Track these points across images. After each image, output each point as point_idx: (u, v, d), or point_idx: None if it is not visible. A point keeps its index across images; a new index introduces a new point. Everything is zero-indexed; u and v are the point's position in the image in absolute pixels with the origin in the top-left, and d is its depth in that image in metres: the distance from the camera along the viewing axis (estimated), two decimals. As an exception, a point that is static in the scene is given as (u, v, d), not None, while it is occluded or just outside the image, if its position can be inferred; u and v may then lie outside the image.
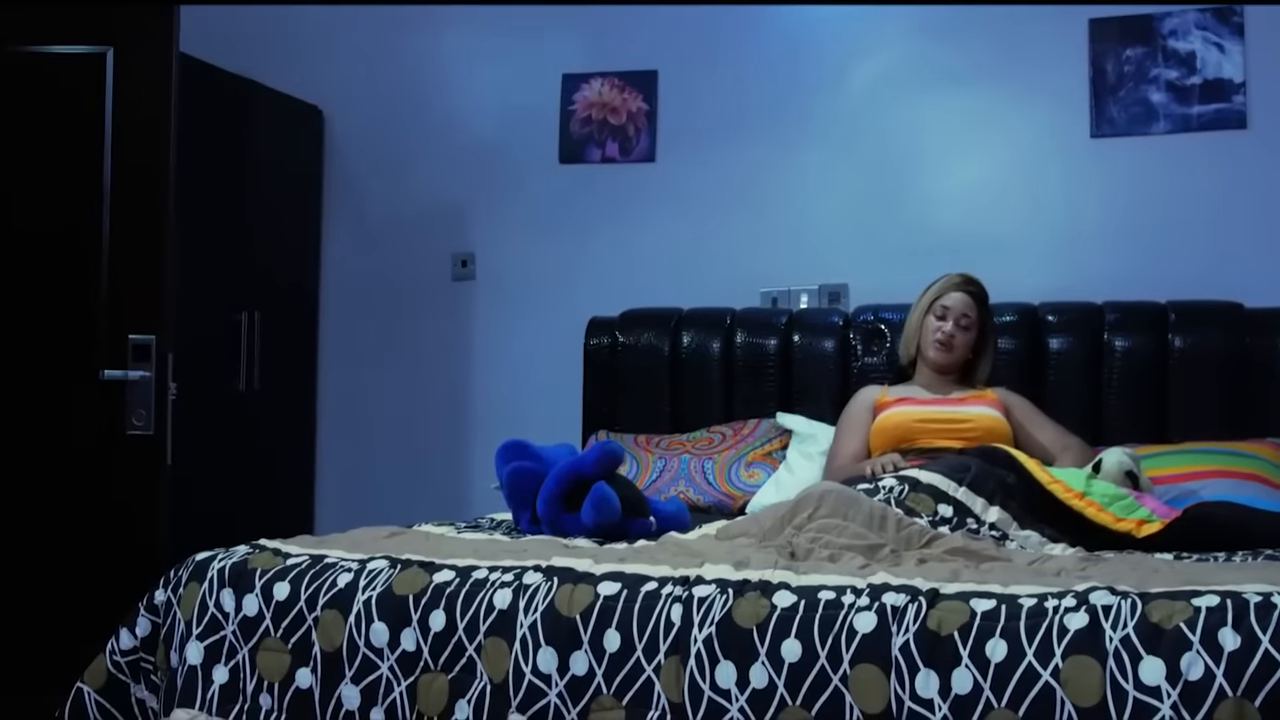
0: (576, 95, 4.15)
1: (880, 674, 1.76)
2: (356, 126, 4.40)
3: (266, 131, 4.24)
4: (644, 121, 4.09)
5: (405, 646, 2.00)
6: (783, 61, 3.99)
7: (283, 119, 4.29)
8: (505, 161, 4.23)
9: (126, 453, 3.31)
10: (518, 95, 4.23)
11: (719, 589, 1.91)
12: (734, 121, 4.03)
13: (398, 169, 4.35)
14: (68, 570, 3.26)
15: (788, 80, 3.99)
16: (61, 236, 3.38)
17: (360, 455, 4.35)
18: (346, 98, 4.39)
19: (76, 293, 3.36)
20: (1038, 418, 3.34)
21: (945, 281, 3.41)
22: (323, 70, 4.38)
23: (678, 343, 3.82)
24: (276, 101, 4.25)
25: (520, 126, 4.21)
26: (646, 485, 3.48)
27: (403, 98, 4.35)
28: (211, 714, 2.06)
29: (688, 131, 4.07)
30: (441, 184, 4.30)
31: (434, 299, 4.29)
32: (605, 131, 4.12)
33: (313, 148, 4.39)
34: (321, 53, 4.40)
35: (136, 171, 3.35)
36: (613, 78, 4.12)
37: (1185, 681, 1.64)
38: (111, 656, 2.21)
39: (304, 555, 2.17)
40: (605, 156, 4.12)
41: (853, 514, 2.31)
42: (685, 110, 4.08)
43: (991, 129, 3.82)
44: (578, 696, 1.89)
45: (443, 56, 4.33)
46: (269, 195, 4.23)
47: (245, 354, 4.02)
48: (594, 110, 4.13)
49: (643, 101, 4.09)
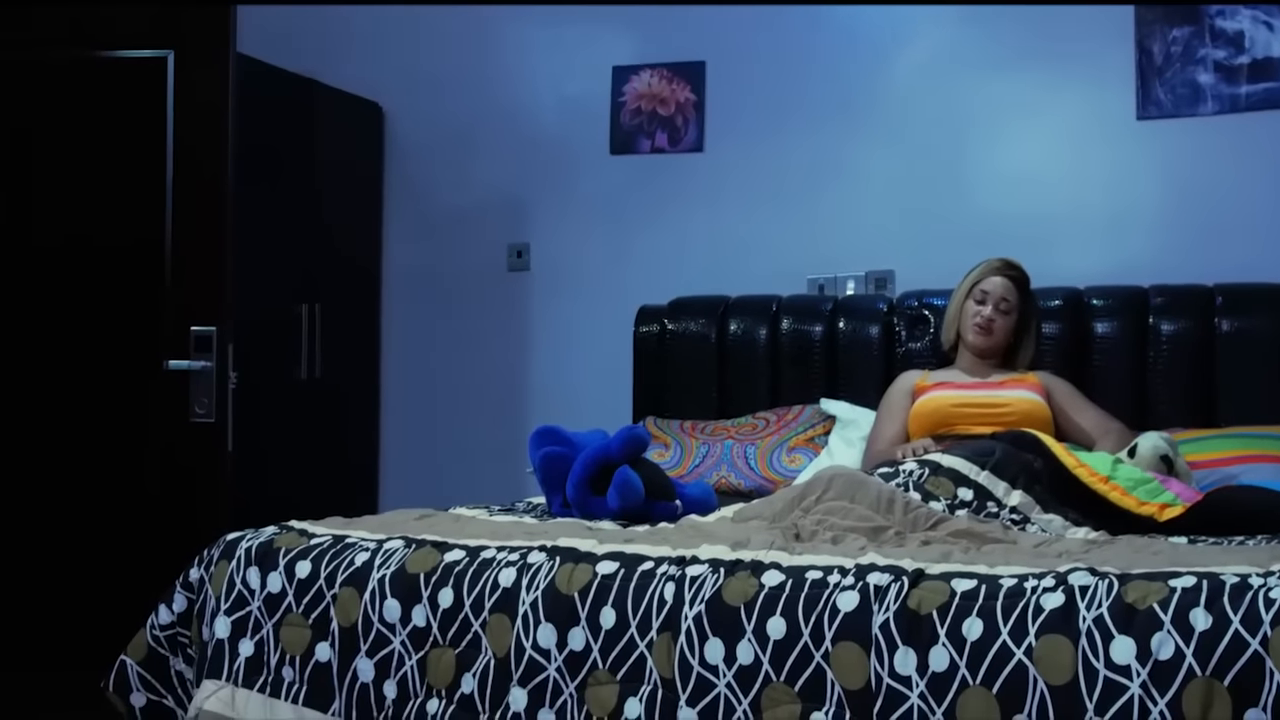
0: (626, 87, 4.21)
1: (861, 651, 1.81)
2: (415, 122, 4.52)
3: (328, 129, 4.37)
4: (692, 112, 4.14)
5: (416, 622, 2.09)
6: (828, 49, 4.02)
7: (344, 116, 4.43)
8: (558, 153, 4.32)
9: (190, 439, 3.45)
10: (570, 88, 4.31)
11: (711, 568, 1.96)
12: (781, 110, 4.07)
13: (455, 162, 4.46)
14: (133, 551, 3.41)
15: (834, 68, 4.01)
16: (128, 233, 3.53)
17: (421, 441, 4.48)
18: (405, 94, 4.51)
19: (142, 287, 3.51)
20: (1079, 401, 3.33)
21: (985, 266, 3.42)
22: (382, 68, 4.50)
23: (725, 330, 3.87)
24: (337, 99, 4.38)
25: (573, 119, 4.30)
26: (689, 470, 3.55)
27: (459, 93, 4.46)
28: (238, 685, 2.18)
29: (735, 121, 4.12)
30: (497, 176, 4.40)
31: (490, 289, 4.39)
32: (654, 122, 4.18)
33: (373, 143, 4.52)
34: (380, 51, 4.52)
35: (197, 170, 3.48)
36: (661, 69, 4.18)
37: (1155, 661, 1.66)
38: (151, 631, 2.34)
39: (327, 535, 2.27)
40: (654, 147, 4.19)
41: (860, 497, 2.35)
42: (732, 100, 4.12)
43: (1037, 113, 3.81)
44: (575, 671, 1.97)
45: (497, 51, 4.42)
46: (331, 190, 4.37)
47: (306, 343, 4.16)
48: (643, 101, 4.19)
49: (690, 92, 4.14)
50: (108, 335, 3.52)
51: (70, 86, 3.55)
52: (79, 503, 3.49)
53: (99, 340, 3.52)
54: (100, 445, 3.50)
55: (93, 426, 3.51)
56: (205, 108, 3.47)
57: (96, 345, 3.52)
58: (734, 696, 1.86)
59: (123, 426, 3.50)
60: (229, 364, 3.47)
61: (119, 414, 3.50)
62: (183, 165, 3.49)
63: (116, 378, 3.51)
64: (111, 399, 3.50)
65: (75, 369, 3.51)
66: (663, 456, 3.59)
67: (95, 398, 3.51)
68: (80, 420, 3.51)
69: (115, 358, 3.52)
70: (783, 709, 1.83)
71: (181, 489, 3.44)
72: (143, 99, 3.50)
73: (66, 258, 3.54)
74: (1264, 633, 1.63)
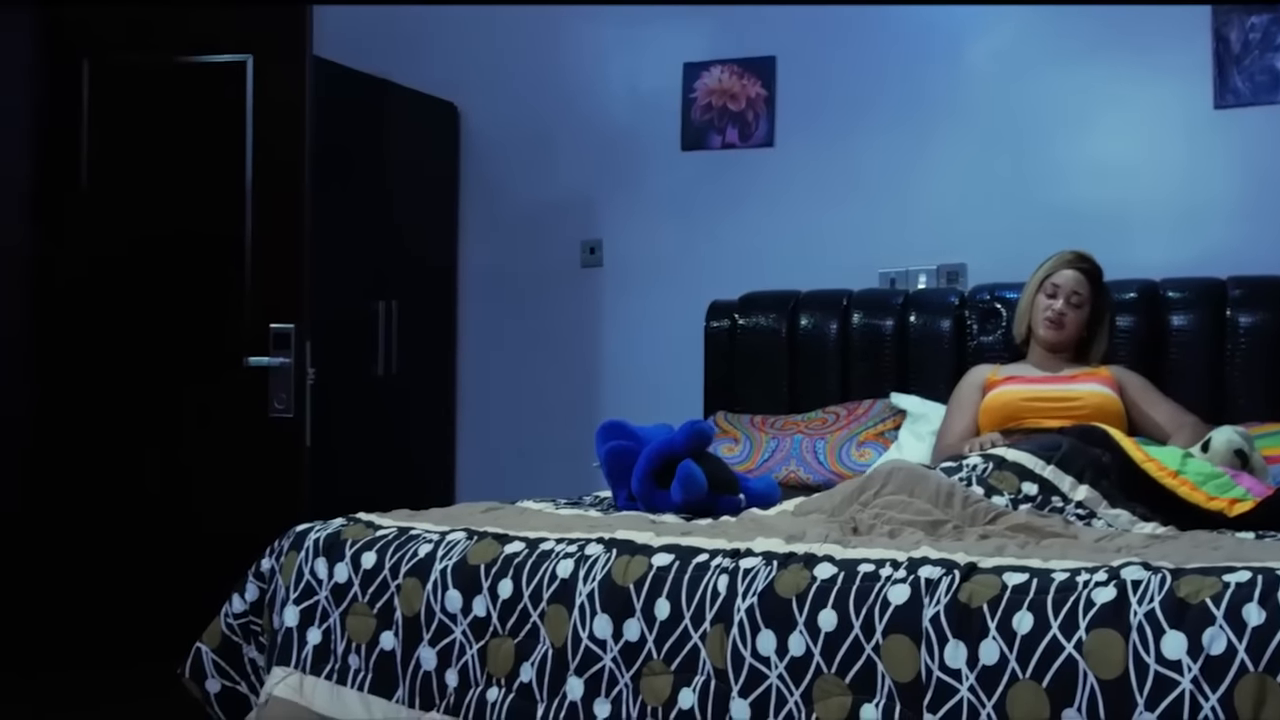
0: (697, 83, 4.23)
1: (911, 644, 1.82)
2: (490, 120, 4.57)
3: (405, 129, 4.45)
4: (762, 107, 4.15)
5: (476, 612, 2.13)
6: (899, 42, 4.00)
7: (420, 116, 4.50)
8: (630, 150, 4.35)
9: (269, 433, 3.54)
10: (642, 85, 4.34)
11: (764, 561, 1.98)
12: (852, 104, 4.06)
13: (529, 160, 4.51)
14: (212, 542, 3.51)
15: (905, 61, 4.00)
16: (210, 233, 3.63)
17: (496, 436, 4.54)
18: (480, 93, 4.57)
19: (223, 285, 3.60)
20: (1153, 395, 3.29)
21: (1057, 259, 3.38)
22: (457, 68, 4.57)
23: (795, 324, 3.88)
24: (413, 100, 4.45)
25: (644, 116, 4.32)
26: (759, 464, 3.56)
27: (533, 91, 4.51)
28: (306, 672, 2.24)
29: (806, 116, 4.12)
30: (570, 173, 4.45)
31: (564, 285, 4.44)
32: (725, 118, 4.19)
33: (449, 142, 4.59)
34: (455, 51, 4.59)
35: (275, 172, 3.57)
36: (732, 64, 4.19)
37: (1207, 656, 1.65)
38: (225, 619, 2.42)
39: (392, 527, 2.33)
40: (725, 143, 4.20)
41: (919, 490, 2.35)
42: (803, 95, 4.12)
43: (1112, 103, 3.76)
44: (630, 661, 2.00)
45: (570, 50, 4.47)
46: (408, 190, 4.45)
47: (383, 340, 4.24)
48: (714, 97, 4.21)
49: (761, 87, 4.15)
50: (191, 332, 3.62)
51: (157, 91, 3.65)
52: (163, 494, 3.59)
53: (183, 337, 3.62)
54: (184, 439, 3.60)
55: (177, 421, 3.61)
56: (283, 109, 3.56)
57: (181, 342, 3.62)
58: (786, 688, 1.88)
59: (206, 421, 3.60)
60: (307, 360, 3.55)
61: (202, 409, 3.60)
62: (262, 166, 3.58)
63: (200, 374, 3.61)
64: (195, 394, 3.61)
65: (161, 365, 3.62)
66: (732, 451, 3.60)
67: (180, 393, 3.62)
68: (166, 415, 3.62)
69: (198, 354, 3.62)
70: (834, 701, 1.85)
71: (260, 482, 3.53)
72: (224, 102, 3.60)
73: (153, 257, 3.65)
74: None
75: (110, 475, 3.61)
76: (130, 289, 3.64)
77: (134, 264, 3.65)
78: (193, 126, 3.65)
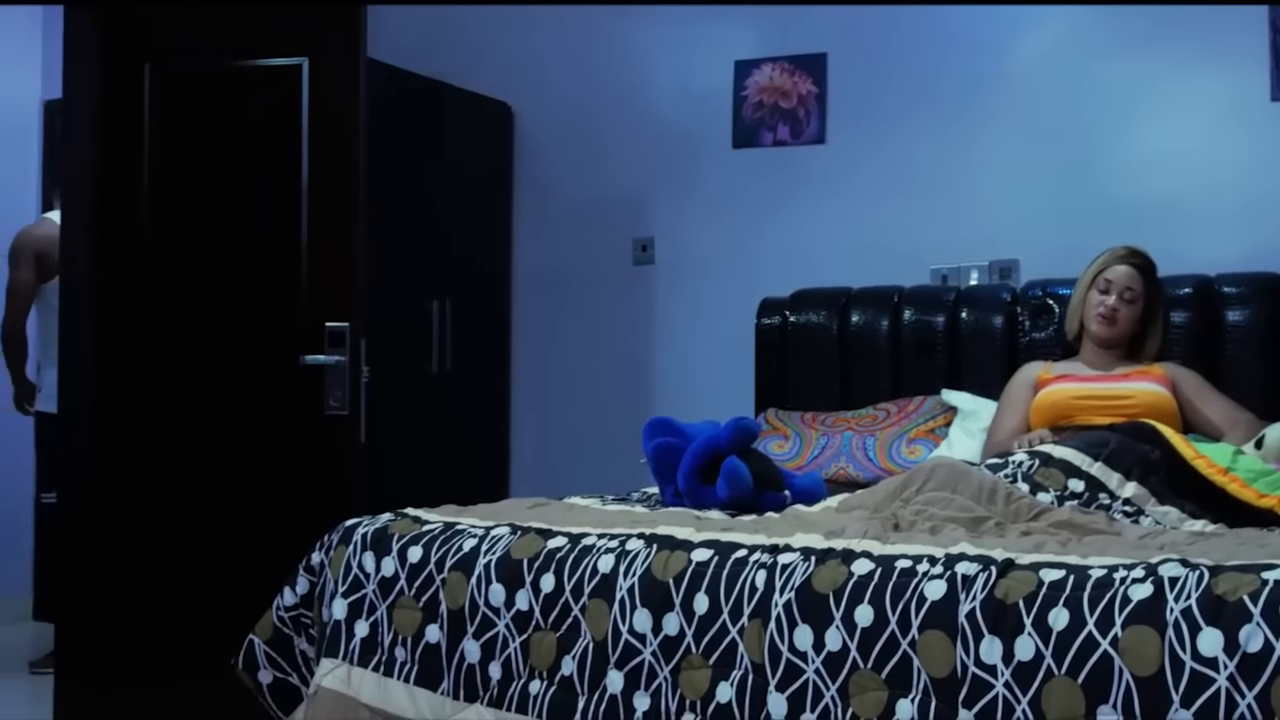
0: (748, 81, 4.24)
1: (947, 640, 1.82)
2: (543, 120, 4.61)
3: (460, 129, 4.50)
4: (813, 104, 4.15)
5: (519, 606, 2.17)
6: (951, 37, 3.98)
7: (475, 117, 4.55)
8: (682, 148, 4.37)
9: (324, 430, 3.59)
10: (693, 83, 4.36)
11: (802, 557, 2.00)
12: (903, 100, 4.05)
13: (582, 159, 4.54)
14: (268, 536, 3.57)
15: (957, 55, 3.98)
16: (267, 234, 3.68)
17: (550, 432, 4.58)
18: (533, 93, 4.61)
19: (280, 285, 3.66)
20: (1207, 392, 3.25)
21: (1110, 254, 3.36)
22: (510, 68, 4.61)
23: (846, 321, 3.87)
24: (468, 100, 4.50)
25: (696, 114, 4.34)
26: (808, 461, 3.56)
27: (586, 91, 4.54)
28: (353, 664, 2.29)
29: (857, 112, 4.11)
30: (623, 172, 4.47)
31: (616, 283, 4.47)
32: (776, 115, 4.20)
33: (503, 142, 4.63)
34: (509, 52, 4.63)
35: (330, 173, 3.61)
36: (783, 62, 4.19)
37: (1243, 653, 1.64)
38: (277, 612, 2.47)
39: (438, 522, 2.37)
40: (776, 140, 4.21)
41: (961, 487, 2.35)
42: (854, 91, 4.12)
43: (1166, 96, 3.72)
44: (669, 655, 2.02)
45: (622, 49, 4.49)
46: (462, 189, 4.50)
47: (437, 339, 4.29)
48: (765, 95, 4.21)
49: (812, 84, 4.15)
50: (248, 331, 3.68)
51: (214, 93, 3.72)
52: (222, 490, 3.65)
53: (240, 335, 3.68)
54: (242, 437, 3.66)
55: (236, 419, 3.67)
56: (338, 111, 3.60)
57: (238, 340, 3.68)
58: (822, 683, 1.89)
59: (263, 419, 3.66)
60: (361, 358, 3.60)
61: (260, 407, 3.66)
62: (317, 168, 3.63)
63: (257, 372, 3.67)
64: (253, 393, 3.66)
65: (220, 363, 3.68)
66: (782, 448, 3.61)
67: (238, 392, 3.68)
68: (224, 413, 3.68)
69: (256, 352, 3.67)
70: (870, 696, 1.86)
71: (316, 477, 3.59)
72: (280, 104, 3.65)
73: (212, 257, 3.72)
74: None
75: (170, 472, 3.68)
76: (190, 288, 3.71)
77: (193, 264, 3.72)
78: (249, 128, 3.71)
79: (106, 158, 3.79)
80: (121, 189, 3.75)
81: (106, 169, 3.79)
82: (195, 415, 3.68)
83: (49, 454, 4.45)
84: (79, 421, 3.79)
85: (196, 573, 3.62)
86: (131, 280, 3.74)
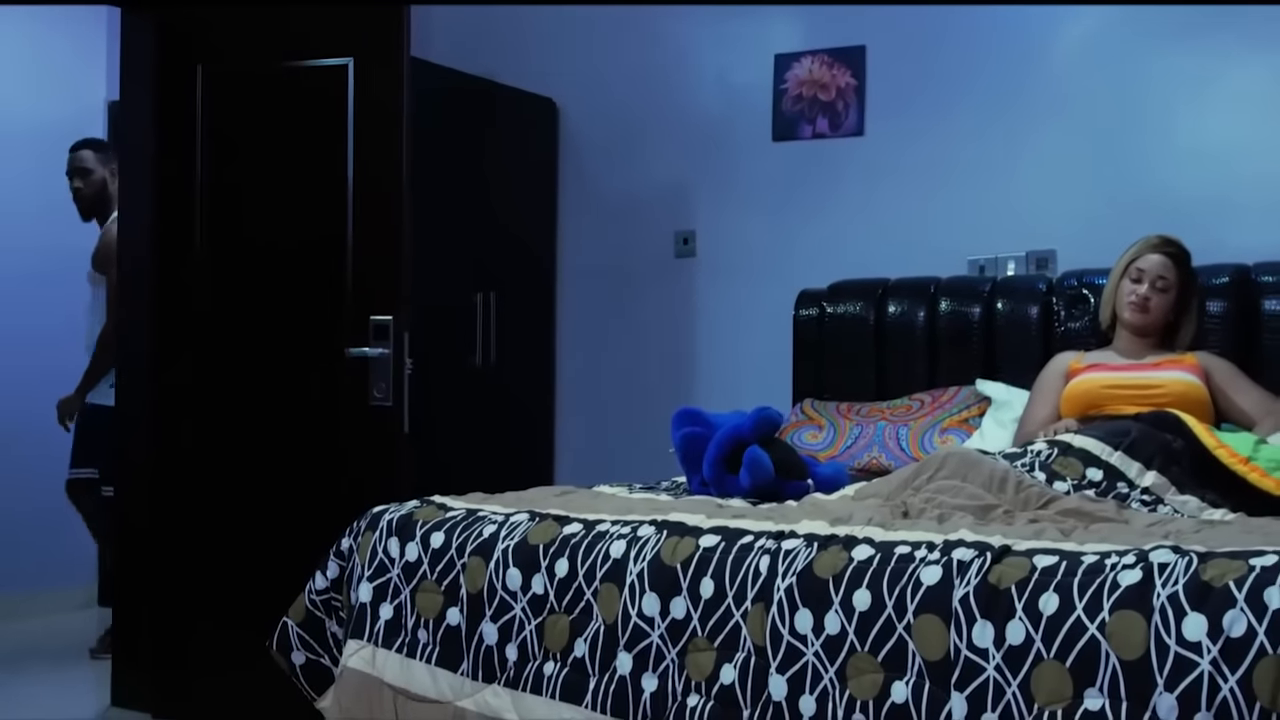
0: (788, 74, 4.27)
1: (941, 624, 1.86)
2: (588, 115, 4.68)
3: (507, 126, 4.58)
4: (852, 96, 4.17)
5: (535, 590, 2.24)
6: (989, 29, 3.99)
7: (521, 113, 4.63)
8: (723, 142, 4.41)
9: (369, 421, 3.69)
10: (734, 77, 4.40)
11: (805, 543, 2.05)
12: (941, 91, 4.06)
13: (626, 153, 4.60)
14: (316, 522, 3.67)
15: (995, 46, 3.98)
16: (315, 231, 3.78)
17: (595, 424, 4.65)
18: (578, 89, 4.68)
19: (327, 280, 3.76)
20: (1241, 382, 3.24)
21: (1142, 243, 3.35)
22: (556, 65, 4.69)
23: (883, 312, 3.90)
24: (515, 97, 4.58)
25: (736, 108, 4.38)
26: (841, 451, 3.60)
27: (630, 87, 4.60)
28: (378, 645, 2.37)
29: (895, 103, 4.13)
30: (665, 166, 4.53)
31: (659, 276, 4.53)
32: (815, 108, 4.23)
33: (549, 138, 4.71)
34: (554, 49, 4.71)
35: (375, 170, 3.70)
36: (822, 55, 4.22)
37: (1226, 638, 1.66)
38: (309, 595, 2.56)
39: (460, 509, 2.45)
40: (815, 132, 4.24)
41: (972, 476, 2.38)
42: (892, 82, 4.14)
43: (1207, 85, 3.69)
44: (676, 638, 2.08)
45: (665, 45, 4.54)
46: (509, 184, 4.58)
47: (481, 332, 4.38)
48: (804, 88, 4.24)
49: (851, 76, 4.17)
50: (296, 324, 3.79)
51: (264, 93, 3.82)
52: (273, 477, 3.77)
53: (288, 329, 3.79)
54: (290, 426, 3.77)
55: (283, 409, 3.78)
56: (383, 110, 3.69)
57: (286, 334, 3.79)
58: (821, 665, 1.94)
59: (310, 409, 3.77)
60: (405, 351, 3.69)
61: (306, 397, 3.77)
62: (362, 166, 3.72)
63: (305, 364, 3.77)
64: (299, 383, 3.77)
65: (269, 355, 3.79)
66: (815, 438, 3.65)
67: (286, 382, 3.79)
68: (272, 403, 3.79)
69: (303, 345, 3.78)
70: (866, 678, 1.90)
71: (362, 466, 3.69)
72: (327, 103, 3.75)
73: (262, 254, 3.83)
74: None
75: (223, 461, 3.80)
76: (241, 284, 3.82)
77: (245, 260, 3.83)
78: (297, 127, 3.81)
79: (163, 157, 3.92)
80: (177, 188, 3.87)
81: (163, 169, 3.92)
82: (248, 406, 3.80)
83: (91, 441, 4.57)
84: (138, 417, 3.93)
85: (248, 558, 3.73)
86: (186, 276, 3.86)
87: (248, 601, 3.67)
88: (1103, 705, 1.72)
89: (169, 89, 3.89)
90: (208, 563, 3.76)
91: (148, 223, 3.94)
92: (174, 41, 3.91)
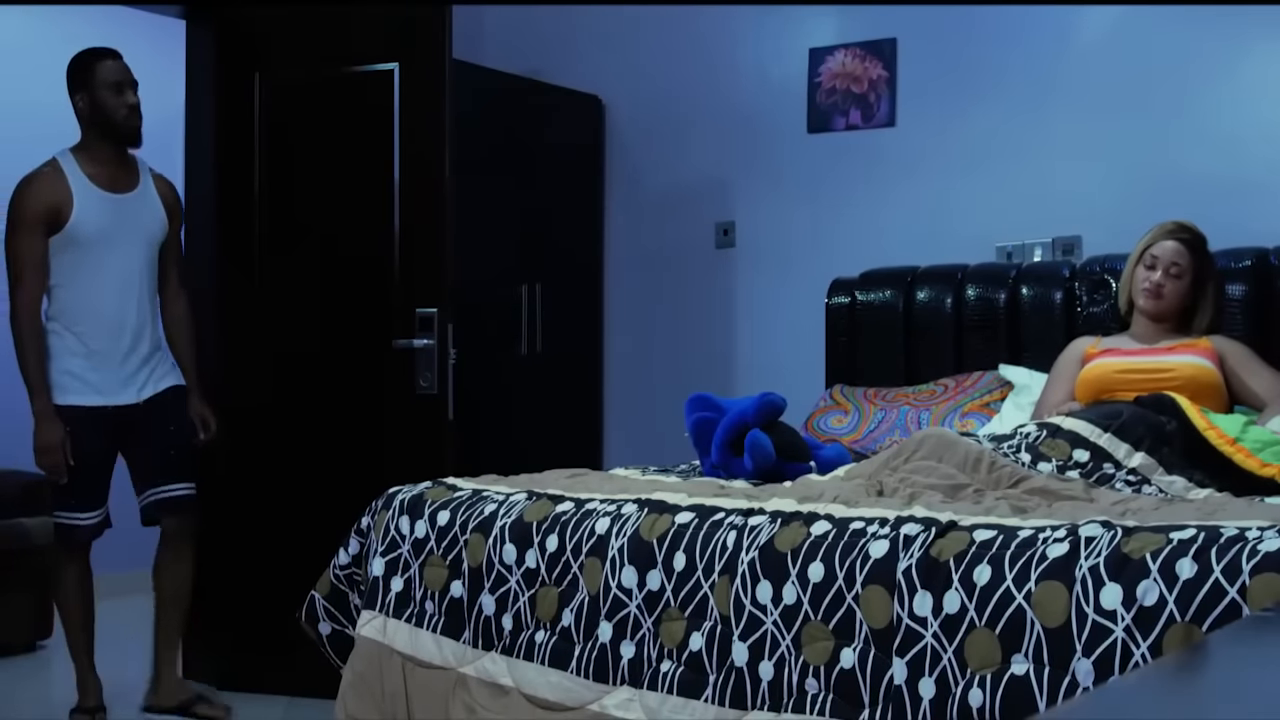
0: (822, 67, 4.37)
1: (886, 594, 1.98)
2: (632, 111, 4.83)
3: (555, 123, 4.75)
4: (884, 88, 4.26)
5: (528, 564, 2.40)
6: (1015, 18, 4.04)
7: (568, 109, 4.79)
8: (761, 134, 4.53)
9: (415, 409, 3.88)
10: (771, 72, 4.51)
11: (770, 519, 2.18)
12: (970, 81, 4.13)
13: (668, 147, 4.74)
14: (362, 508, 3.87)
15: (1022, 36, 4.04)
16: (364, 229, 3.98)
17: (641, 411, 4.79)
18: (623, 85, 4.83)
19: (375, 275, 3.96)
20: (1254, 364, 3.27)
21: (1157, 230, 3.40)
22: (601, 62, 4.84)
23: (911, 299, 3.98)
24: (562, 96, 4.75)
25: (773, 101, 4.49)
26: (864, 434, 3.70)
27: (672, 82, 4.73)
28: (389, 615, 2.55)
29: (926, 94, 4.21)
30: (706, 158, 4.66)
31: (700, 266, 4.66)
32: (849, 100, 4.32)
33: (594, 133, 4.87)
34: (599, 47, 4.86)
35: (421, 169, 3.89)
36: (854, 48, 4.31)
37: (1140, 607, 1.77)
38: (334, 570, 2.76)
39: (467, 489, 2.61)
40: (848, 124, 4.33)
41: (948, 457, 2.48)
42: (923, 74, 4.21)
43: (1231, 70, 3.72)
44: (652, 608, 2.23)
45: (704, 40, 4.67)
46: (556, 178, 4.75)
47: (527, 322, 4.55)
48: (838, 80, 4.34)
49: (882, 69, 4.26)
50: (345, 316, 3.98)
51: (315, 98, 4.03)
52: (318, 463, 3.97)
53: (338, 321, 3.99)
54: (340, 415, 3.97)
55: (332, 398, 3.98)
56: (427, 112, 3.87)
57: (336, 325, 3.99)
58: (779, 632, 2.07)
59: (359, 398, 3.97)
60: (449, 342, 3.87)
61: (354, 387, 3.97)
62: (408, 165, 3.91)
63: (354, 355, 3.97)
64: (349, 373, 3.97)
65: (320, 346, 4.00)
66: (841, 422, 3.76)
67: (336, 372, 3.99)
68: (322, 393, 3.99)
69: (352, 337, 3.98)
70: (819, 645, 2.03)
71: (409, 452, 3.88)
72: (374, 107, 3.94)
73: (316, 250, 4.03)
74: (1242, 581, 1.71)
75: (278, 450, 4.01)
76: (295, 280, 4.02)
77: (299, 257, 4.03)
78: (347, 130, 4.01)
79: (224, 162, 4.14)
80: (236, 191, 4.10)
81: (223, 172, 4.15)
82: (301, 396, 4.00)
83: None
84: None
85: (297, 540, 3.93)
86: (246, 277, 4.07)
87: (299, 580, 3.88)
88: (1027, 670, 1.83)
89: (229, 96, 4.11)
90: (260, 545, 3.98)
91: (211, 224, 4.16)
92: (233, 51, 4.13)
